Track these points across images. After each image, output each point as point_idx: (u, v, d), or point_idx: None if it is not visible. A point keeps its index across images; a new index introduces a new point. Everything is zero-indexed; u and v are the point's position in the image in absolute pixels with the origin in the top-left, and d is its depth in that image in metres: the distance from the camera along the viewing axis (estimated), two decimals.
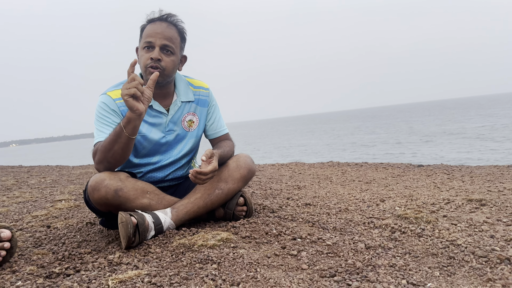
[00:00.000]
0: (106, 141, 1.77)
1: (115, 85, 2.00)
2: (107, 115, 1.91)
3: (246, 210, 2.04)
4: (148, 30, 1.91)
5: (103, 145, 1.78)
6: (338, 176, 3.96)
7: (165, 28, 1.91)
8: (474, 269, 1.34)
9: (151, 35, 1.89)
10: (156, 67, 1.88)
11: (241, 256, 1.47)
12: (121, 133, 1.71)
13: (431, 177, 3.53)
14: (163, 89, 2.00)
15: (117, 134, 1.72)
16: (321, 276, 1.31)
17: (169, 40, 1.90)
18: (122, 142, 1.73)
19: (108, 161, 1.79)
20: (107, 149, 1.76)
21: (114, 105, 1.93)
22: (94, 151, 1.85)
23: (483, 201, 2.28)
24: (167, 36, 1.90)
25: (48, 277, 1.39)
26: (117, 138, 1.72)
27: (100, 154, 1.79)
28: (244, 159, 2.04)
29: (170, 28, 1.93)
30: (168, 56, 1.92)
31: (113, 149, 1.74)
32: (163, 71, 1.91)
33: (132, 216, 1.65)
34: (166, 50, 1.91)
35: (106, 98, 1.94)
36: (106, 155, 1.77)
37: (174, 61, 1.95)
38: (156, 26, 1.91)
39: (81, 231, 2.10)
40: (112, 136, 1.74)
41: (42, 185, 4.40)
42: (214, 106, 2.20)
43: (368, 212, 2.19)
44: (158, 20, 1.93)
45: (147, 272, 1.35)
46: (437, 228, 1.80)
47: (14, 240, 1.54)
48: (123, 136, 1.71)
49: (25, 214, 2.67)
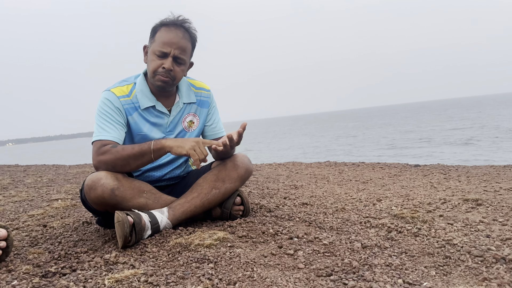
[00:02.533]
0: (126, 151, 1.77)
1: (119, 82, 2.00)
2: (111, 112, 1.90)
3: (243, 209, 2.04)
4: (164, 37, 1.88)
5: (120, 152, 1.77)
6: (335, 176, 3.97)
7: (180, 38, 1.89)
8: (470, 269, 1.35)
9: (167, 43, 1.87)
10: (167, 76, 1.89)
11: (238, 256, 1.47)
12: (147, 154, 1.78)
13: (427, 177, 3.55)
14: (166, 91, 2.00)
15: (142, 153, 1.78)
16: (317, 275, 1.31)
17: (183, 51, 1.90)
18: (142, 162, 1.81)
19: (115, 167, 1.79)
20: (123, 158, 1.77)
21: (118, 102, 1.92)
22: (100, 149, 1.80)
23: (479, 200, 2.29)
24: (182, 47, 1.89)
25: (44, 276, 1.39)
26: (140, 156, 1.78)
27: (112, 158, 1.77)
28: (242, 159, 2.04)
29: (185, 36, 1.92)
30: (179, 66, 1.93)
31: (130, 162, 1.78)
32: (173, 81, 1.93)
33: (128, 216, 1.65)
34: (178, 61, 1.91)
35: (110, 95, 1.92)
36: (119, 163, 1.77)
37: (184, 70, 1.97)
38: (172, 34, 1.88)
39: (78, 230, 2.09)
40: (136, 152, 1.77)
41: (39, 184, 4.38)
42: (214, 108, 2.21)
43: (365, 212, 2.20)
44: (173, 25, 1.90)
45: (143, 272, 1.35)
46: (433, 228, 1.81)
47: (10, 239, 1.54)
48: (148, 158, 1.80)
49: (21, 213, 2.66)
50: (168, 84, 1.92)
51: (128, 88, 1.96)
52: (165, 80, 1.90)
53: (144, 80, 1.99)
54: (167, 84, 1.92)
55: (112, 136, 1.85)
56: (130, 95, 1.95)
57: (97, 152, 1.81)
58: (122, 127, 1.91)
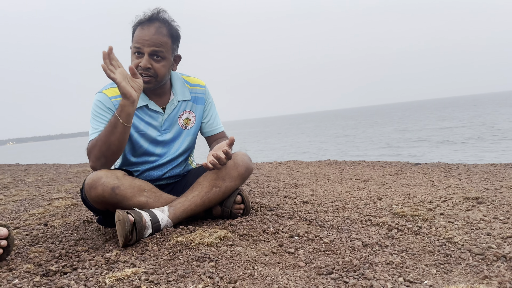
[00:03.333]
0: (101, 134, 1.78)
1: (111, 83, 1.99)
2: (103, 113, 1.91)
3: (244, 208, 2.04)
4: (137, 36, 1.88)
5: (99, 139, 1.78)
6: (335, 174, 3.97)
7: (153, 34, 1.86)
8: (471, 267, 1.35)
9: (139, 42, 1.86)
10: (148, 75, 1.88)
11: (239, 254, 1.48)
12: (116, 122, 1.73)
13: (428, 175, 3.54)
14: (158, 89, 2.00)
15: (112, 124, 1.74)
16: (318, 273, 1.31)
17: (158, 46, 1.87)
18: (118, 132, 1.75)
19: (105, 154, 1.79)
20: (103, 141, 1.76)
21: (109, 103, 1.92)
22: (89, 148, 1.84)
23: (480, 199, 2.29)
24: (156, 42, 1.86)
25: (45, 275, 1.39)
26: (112, 128, 1.74)
27: (96, 148, 1.79)
28: (242, 157, 2.04)
29: (160, 31, 1.88)
30: (159, 62, 1.89)
31: (109, 140, 1.75)
32: (155, 78, 1.91)
33: (129, 214, 1.65)
34: (156, 56, 1.89)
35: (102, 96, 1.94)
36: (102, 148, 1.77)
37: (166, 65, 1.93)
38: (144, 31, 1.87)
39: (78, 229, 2.09)
40: (108, 127, 1.76)
41: (39, 183, 4.39)
42: (210, 103, 2.20)
43: (366, 210, 2.19)
44: (147, 22, 1.89)
45: (144, 270, 1.35)
46: (434, 226, 1.81)
47: (11, 238, 1.54)
48: (119, 125, 1.73)
49: (22, 212, 2.66)
50: (151, 83, 1.90)
51: None
52: (146, 80, 1.87)
53: None
54: (150, 83, 1.90)
55: None
56: None
57: (88, 152, 1.84)
58: None
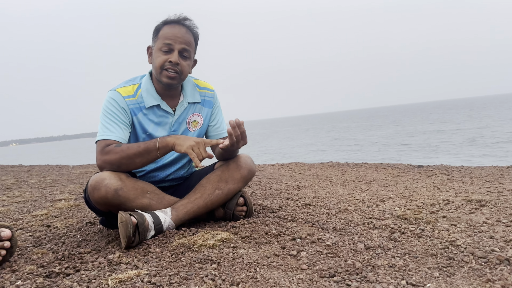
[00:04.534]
0: (131, 149, 1.78)
1: (125, 82, 2.00)
2: (116, 112, 1.90)
3: (246, 210, 2.04)
4: (167, 33, 1.91)
5: (125, 151, 1.78)
6: (338, 177, 3.97)
7: (185, 33, 1.93)
8: (474, 270, 1.34)
9: (171, 38, 1.89)
10: (175, 71, 1.90)
11: (241, 256, 1.48)
12: (152, 151, 1.78)
13: (431, 177, 3.54)
14: (171, 90, 2.01)
15: (148, 150, 1.78)
16: (320, 276, 1.31)
17: (188, 45, 1.93)
18: (147, 158, 1.81)
19: (120, 166, 1.79)
20: (128, 156, 1.77)
21: (123, 102, 1.92)
22: (104, 149, 1.80)
23: (482, 202, 2.29)
24: (186, 41, 1.92)
25: (48, 277, 1.40)
26: (145, 153, 1.78)
27: (116, 157, 1.77)
28: (245, 160, 2.05)
29: (188, 32, 1.95)
30: (185, 60, 1.94)
31: (135, 161, 1.79)
32: (180, 75, 1.93)
33: (132, 216, 1.65)
34: (184, 55, 1.93)
35: (115, 95, 1.93)
36: (123, 161, 1.78)
37: (190, 65, 1.99)
38: (175, 29, 1.92)
39: (81, 231, 2.10)
40: (142, 150, 1.78)
41: (42, 185, 4.40)
42: (218, 108, 2.22)
43: (368, 213, 2.19)
44: (176, 23, 1.94)
45: (146, 272, 1.35)
46: (436, 229, 1.81)
47: (14, 240, 1.55)
48: (153, 155, 1.80)
49: (25, 213, 2.67)
50: (175, 80, 1.93)
51: (133, 88, 1.97)
52: (172, 76, 1.90)
53: (150, 80, 2.00)
54: (174, 79, 1.92)
55: (116, 136, 1.85)
56: (136, 95, 1.96)
57: (101, 152, 1.80)
58: (126, 127, 1.92)
